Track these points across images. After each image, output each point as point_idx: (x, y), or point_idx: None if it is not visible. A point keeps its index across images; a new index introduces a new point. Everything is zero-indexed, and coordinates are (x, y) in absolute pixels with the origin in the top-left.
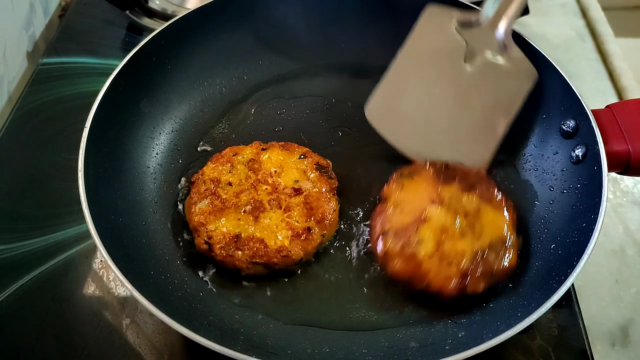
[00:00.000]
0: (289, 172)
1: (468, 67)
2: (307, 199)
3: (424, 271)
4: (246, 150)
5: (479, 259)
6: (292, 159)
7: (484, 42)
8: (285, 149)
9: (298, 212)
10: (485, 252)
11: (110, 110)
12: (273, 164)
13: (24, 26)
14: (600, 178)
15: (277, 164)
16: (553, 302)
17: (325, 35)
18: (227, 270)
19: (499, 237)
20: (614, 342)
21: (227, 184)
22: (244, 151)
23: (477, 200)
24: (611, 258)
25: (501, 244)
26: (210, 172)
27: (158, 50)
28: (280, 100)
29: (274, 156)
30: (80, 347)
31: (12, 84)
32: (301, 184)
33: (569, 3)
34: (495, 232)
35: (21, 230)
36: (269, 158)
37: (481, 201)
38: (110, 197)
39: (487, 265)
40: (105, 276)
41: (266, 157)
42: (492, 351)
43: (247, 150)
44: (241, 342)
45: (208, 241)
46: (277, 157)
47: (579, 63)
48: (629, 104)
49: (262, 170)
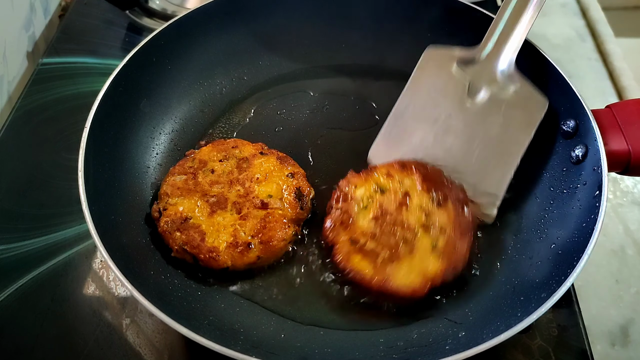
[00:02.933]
0: (269, 184)
1: (474, 103)
2: (267, 217)
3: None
4: (247, 147)
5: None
6: (280, 173)
7: (487, 76)
8: (281, 162)
9: (250, 225)
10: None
11: (110, 110)
12: (261, 170)
13: (24, 26)
14: (600, 178)
15: (264, 172)
16: (553, 302)
17: (326, 35)
18: (227, 270)
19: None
20: (614, 342)
21: (210, 170)
22: (244, 148)
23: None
24: (611, 258)
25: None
26: (204, 153)
27: (158, 50)
28: (280, 100)
29: (267, 164)
30: (80, 347)
31: (12, 84)
32: (272, 200)
33: (569, 3)
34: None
35: (21, 230)
36: (260, 163)
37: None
38: (110, 197)
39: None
40: (105, 276)
41: (259, 161)
42: (492, 351)
43: (247, 148)
44: (241, 342)
45: (161, 211)
46: (268, 166)
47: (579, 63)
48: (629, 104)
49: (247, 172)
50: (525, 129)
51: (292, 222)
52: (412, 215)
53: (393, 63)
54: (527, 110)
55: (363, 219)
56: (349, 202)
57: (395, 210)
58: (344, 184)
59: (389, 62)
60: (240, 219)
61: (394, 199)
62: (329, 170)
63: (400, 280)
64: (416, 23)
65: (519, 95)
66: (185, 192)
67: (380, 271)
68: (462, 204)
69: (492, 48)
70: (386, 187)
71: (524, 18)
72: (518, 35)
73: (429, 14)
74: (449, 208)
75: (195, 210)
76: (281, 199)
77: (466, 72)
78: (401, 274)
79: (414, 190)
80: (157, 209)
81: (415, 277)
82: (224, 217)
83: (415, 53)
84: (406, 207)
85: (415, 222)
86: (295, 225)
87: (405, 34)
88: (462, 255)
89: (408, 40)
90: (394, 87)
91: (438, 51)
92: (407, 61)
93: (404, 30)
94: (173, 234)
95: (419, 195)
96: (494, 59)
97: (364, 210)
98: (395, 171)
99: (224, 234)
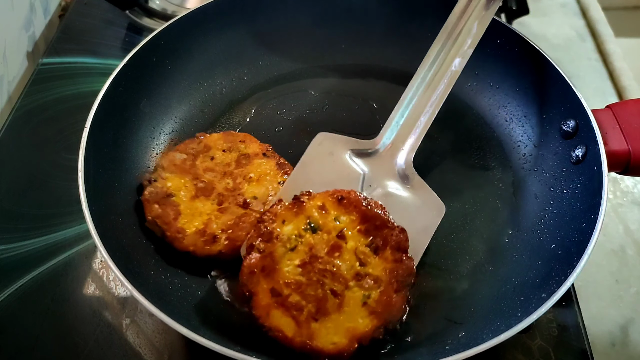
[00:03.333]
0: (259, 185)
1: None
2: (243, 217)
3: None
4: (253, 145)
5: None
6: (273, 179)
7: (383, 171)
8: (278, 167)
9: (224, 220)
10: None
11: (110, 110)
12: (256, 171)
13: (24, 26)
14: (600, 178)
15: (258, 174)
16: (553, 302)
17: (326, 35)
18: (227, 271)
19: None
20: (614, 342)
21: (210, 157)
22: (251, 145)
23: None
24: (611, 258)
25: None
26: (211, 140)
27: (158, 50)
28: (280, 100)
29: (264, 166)
30: (80, 347)
31: (12, 84)
32: (254, 202)
33: (569, 3)
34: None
35: (21, 230)
36: (259, 164)
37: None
38: (110, 197)
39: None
40: (105, 276)
41: (259, 162)
42: (492, 351)
43: (253, 146)
44: (241, 342)
45: (151, 181)
46: (265, 168)
47: (579, 63)
48: (629, 104)
49: (244, 169)
50: (424, 232)
51: None
52: (345, 262)
53: (393, 63)
54: (424, 214)
55: (288, 265)
56: (273, 242)
57: (326, 254)
58: (268, 216)
59: (389, 62)
60: (218, 210)
61: (327, 240)
62: None
63: (325, 339)
64: (417, 24)
65: (416, 196)
66: (179, 170)
67: (304, 329)
68: (403, 251)
69: (390, 143)
70: (319, 225)
71: (423, 118)
72: (418, 133)
73: (429, 14)
74: (387, 256)
75: (181, 190)
76: (264, 203)
77: (360, 164)
78: (327, 332)
79: (349, 229)
80: (148, 178)
81: (343, 336)
82: (204, 204)
83: (415, 53)
84: (339, 251)
85: (348, 271)
86: None
87: (405, 33)
88: (397, 310)
89: (408, 40)
90: (394, 87)
91: (329, 137)
92: (407, 61)
93: (404, 30)
94: (152, 205)
95: (355, 238)
96: (392, 155)
97: (290, 253)
98: (331, 205)
99: (197, 220)
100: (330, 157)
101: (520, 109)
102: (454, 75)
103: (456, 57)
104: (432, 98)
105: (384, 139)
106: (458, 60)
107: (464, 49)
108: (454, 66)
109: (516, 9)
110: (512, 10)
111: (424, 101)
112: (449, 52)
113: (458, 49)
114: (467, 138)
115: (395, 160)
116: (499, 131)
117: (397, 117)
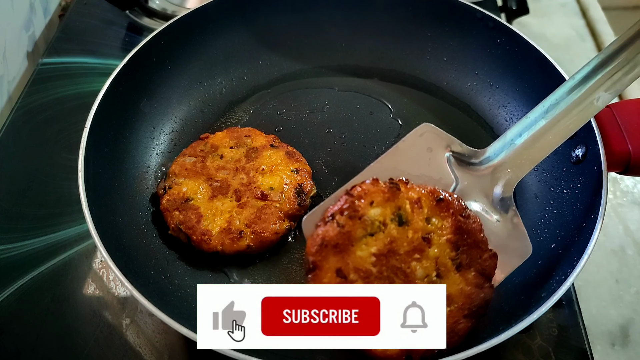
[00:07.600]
0: (273, 177)
1: None
2: (264, 209)
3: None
4: (259, 138)
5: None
6: (285, 168)
7: (478, 189)
8: (289, 156)
9: (246, 214)
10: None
11: (110, 110)
12: (267, 162)
13: (24, 26)
14: (600, 178)
15: (270, 165)
16: (553, 302)
17: (326, 35)
18: (227, 270)
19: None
20: (614, 342)
21: (219, 155)
22: (257, 138)
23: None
24: (611, 258)
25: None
26: (217, 138)
27: (158, 50)
28: (280, 100)
29: (274, 156)
30: (80, 347)
31: (12, 84)
32: (272, 193)
33: (569, 3)
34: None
35: (21, 230)
36: (268, 155)
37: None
38: (110, 197)
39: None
40: (105, 276)
41: (268, 153)
42: (492, 351)
43: (259, 139)
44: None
45: (166, 189)
46: (275, 159)
47: (579, 63)
48: (629, 104)
49: (255, 162)
50: (500, 268)
51: (287, 216)
52: (422, 267)
53: (393, 63)
54: (506, 252)
55: (363, 250)
56: (355, 220)
57: (405, 253)
58: (359, 192)
59: (389, 62)
60: (239, 206)
61: (410, 238)
62: (329, 170)
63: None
64: (416, 23)
65: (505, 229)
66: (192, 173)
67: None
68: (487, 277)
69: (496, 162)
70: (407, 219)
71: (543, 145)
72: (529, 161)
73: (429, 14)
74: (469, 277)
75: (197, 193)
76: (281, 193)
77: (456, 171)
78: None
79: (438, 235)
80: (163, 187)
81: None
82: (222, 203)
83: (415, 53)
84: (420, 254)
85: (422, 278)
86: (291, 220)
87: (405, 34)
88: (457, 337)
89: (408, 40)
90: (394, 87)
91: (434, 131)
92: (407, 61)
93: (404, 30)
94: (172, 213)
95: (441, 246)
96: (492, 176)
97: (369, 238)
98: (427, 202)
99: (219, 219)
100: (427, 153)
101: (520, 109)
102: (593, 110)
103: (604, 90)
104: (560, 127)
105: (491, 153)
106: (605, 95)
107: (618, 83)
108: (596, 100)
109: (516, 9)
110: (512, 10)
111: (551, 128)
112: (600, 83)
113: (612, 82)
114: (467, 138)
115: (497, 183)
116: (499, 131)
117: (514, 136)
